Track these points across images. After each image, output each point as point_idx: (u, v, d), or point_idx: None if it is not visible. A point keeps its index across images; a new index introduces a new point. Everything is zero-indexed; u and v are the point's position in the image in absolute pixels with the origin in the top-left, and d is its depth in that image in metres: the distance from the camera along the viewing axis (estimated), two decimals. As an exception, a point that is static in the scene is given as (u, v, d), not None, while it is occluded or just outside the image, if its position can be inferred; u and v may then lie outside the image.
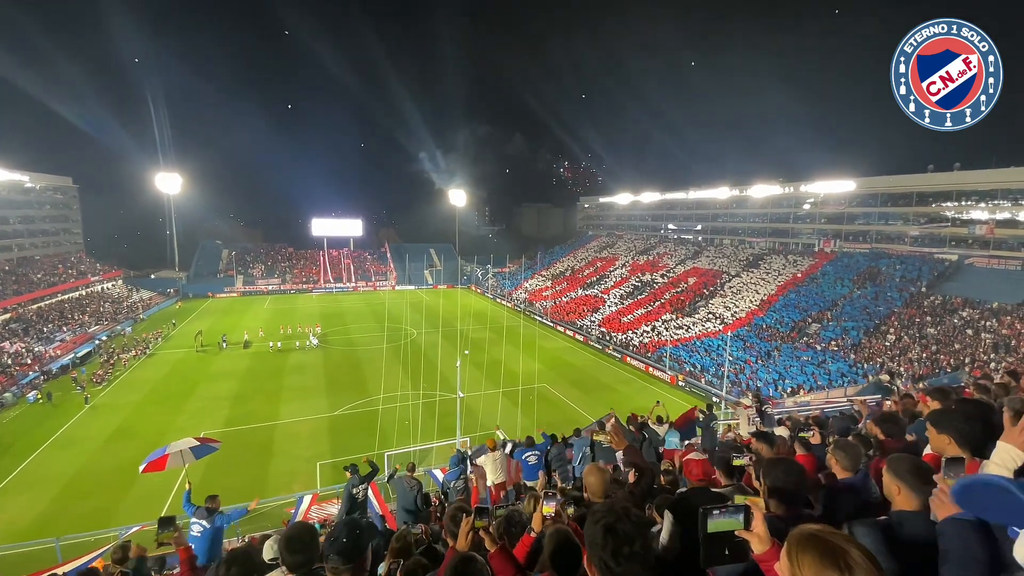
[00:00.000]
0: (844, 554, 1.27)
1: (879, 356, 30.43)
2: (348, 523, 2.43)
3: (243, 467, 20.80)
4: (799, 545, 1.34)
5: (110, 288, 59.71)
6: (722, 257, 56.54)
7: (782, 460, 2.88)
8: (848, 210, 49.43)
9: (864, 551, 1.28)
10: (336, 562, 2.29)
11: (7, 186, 55.16)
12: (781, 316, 39.23)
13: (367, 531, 2.45)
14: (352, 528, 2.38)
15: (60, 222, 66.02)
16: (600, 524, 1.73)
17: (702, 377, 32.39)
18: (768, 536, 1.82)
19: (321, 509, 12.11)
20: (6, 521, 17.38)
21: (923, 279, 37.93)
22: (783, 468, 2.72)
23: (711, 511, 1.85)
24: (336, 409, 27.65)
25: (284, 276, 75.21)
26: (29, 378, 31.87)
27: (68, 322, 44.09)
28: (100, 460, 21.94)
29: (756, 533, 1.83)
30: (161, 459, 8.25)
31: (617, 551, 1.66)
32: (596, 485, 3.45)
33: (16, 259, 53.60)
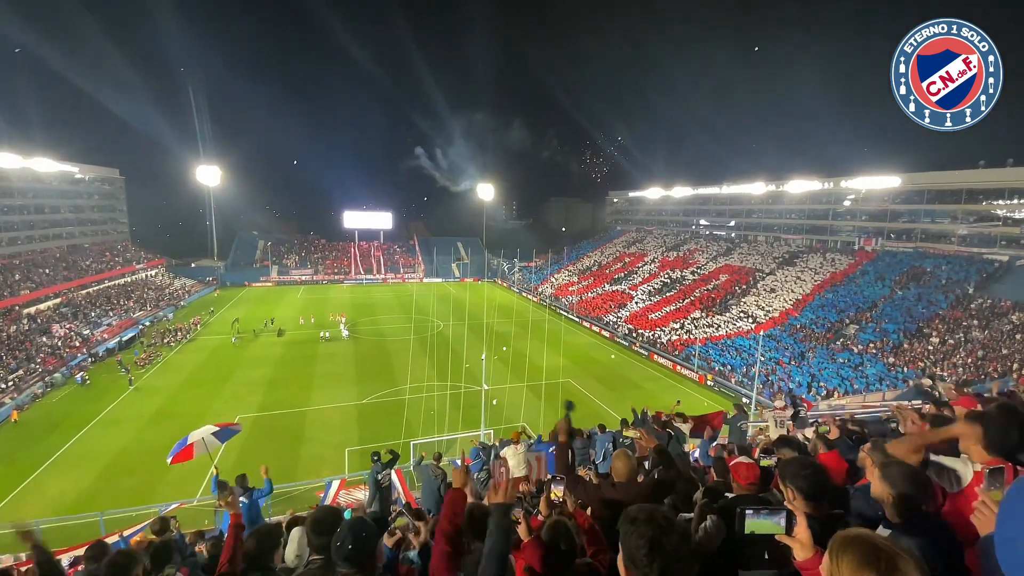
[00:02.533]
0: (889, 558, 1.23)
1: (921, 360, 29.17)
2: (352, 527, 2.42)
3: (275, 451, 21.48)
4: (841, 545, 1.33)
5: (153, 275, 62.33)
6: (756, 254, 55.05)
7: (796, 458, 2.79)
8: (892, 207, 47.39)
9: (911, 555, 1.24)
10: (345, 567, 2.35)
11: (58, 176, 58.07)
12: (817, 316, 38.00)
13: (371, 532, 2.45)
14: (357, 532, 2.39)
15: (107, 211, 69.26)
16: (645, 539, 1.59)
17: (732, 377, 31.72)
18: (811, 542, 1.75)
19: (348, 494, 12.42)
20: (56, 495, 18.43)
21: (970, 280, 36.07)
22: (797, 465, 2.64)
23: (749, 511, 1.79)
24: (364, 397, 28.23)
25: (317, 267, 77.04)
26: (77, 360, 33.60)
27: (114, 307, 46.26)
28: (142, 440, 23.02)
29: (798, 539, 1.76)
30: (187, 449, 8.46)
31: (666, 570, 1.55)
32: (623, 469, 3.49)
33: (66, 247, 56.49)
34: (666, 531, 1.61)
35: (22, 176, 51.66)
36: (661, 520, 1.64)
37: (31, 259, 48.74)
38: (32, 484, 19.40)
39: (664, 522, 1.64)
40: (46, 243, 54.10)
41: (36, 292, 42.30)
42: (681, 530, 1.66)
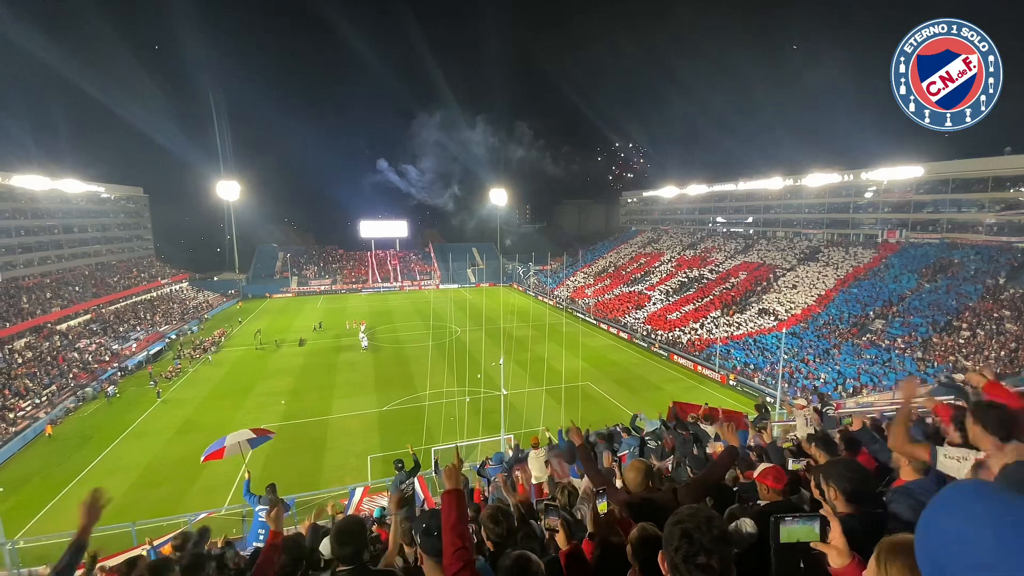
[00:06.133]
0: None
1: (952, 354, 28.31)
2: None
3: (299, 460, 21.77)
4: (889, 552, 1.32)
5: (178, 290, 63.81)
6: (775, 250, 54.17)
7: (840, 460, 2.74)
8: (915, 198, 46.22)
9: None
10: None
11: (85, 197, 59.92)
12: (841, 312, 37.18)
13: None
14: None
15: (133, 229, 71.16)
16: (679, 527, 1.65)
17: (755, 376, 31.17)
18: (847, 549, 1.70)
19: (372, 501, 12.48)
20: (90, 505, 18.85)
21: (1001, 270, 34.96)
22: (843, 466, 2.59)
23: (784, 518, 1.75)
24: (385, 405, 28.43)
25: (335, 277, 78.04)
26: (107, 374, 34.51)
27: (141, 322, 47.46)
28: (170, 451, 23.52)
29: (834, 545, 1.72)
30: (220, 450, 8.74)
31: (689, 557, 1.59)
32: (635, 480, 3.48)
33: (94, 264, 58.21)
34: (701, 526, 1.62)
35: (50, 197, 53.41)
36: (702, 518, 1.66)
37: (61, 277, 50.32)
38: (67, 496, 19.93)
39: (704, 519, 1.65)
40: (75, 261, 55.83)
41: (66, 309, 43.62)
42: (719, 532, 1.65)
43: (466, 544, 2.38)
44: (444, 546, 2.34)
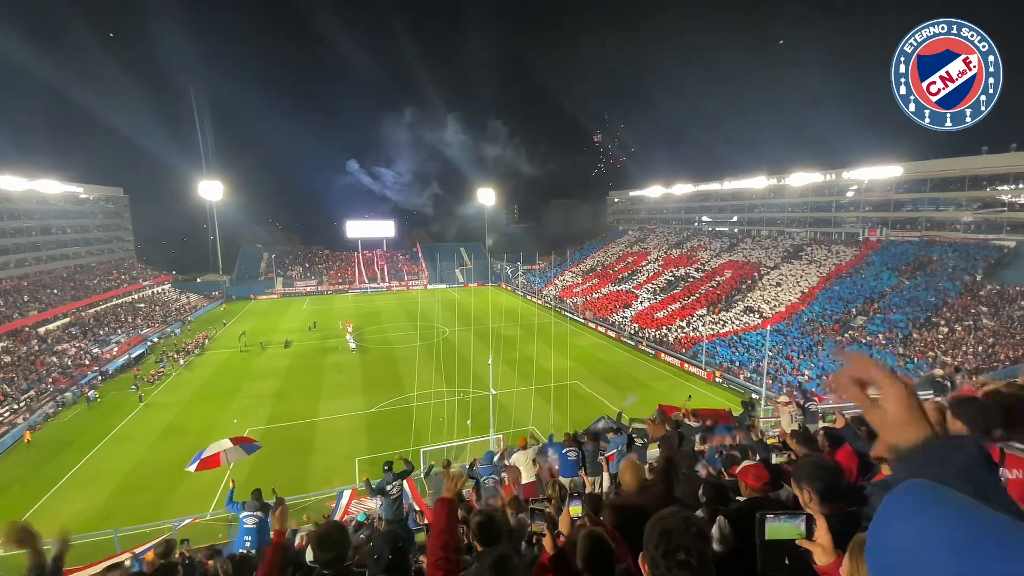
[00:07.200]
0: None
1: (931, 350, 28.95)
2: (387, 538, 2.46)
3: (286, 463, 21.53)
4: (862, 548, 1.31)
5: (160, 292, 62.71)
6: (760, 249, 54.88)
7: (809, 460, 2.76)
8: (895, 196, 47.12)
9: None
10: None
11: (63, 197, 58.61)
12: (824, 309, 37.79)
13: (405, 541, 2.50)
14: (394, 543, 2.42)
15: (113, 230, 69.77)
16: (659, 525, 1.68)
17: (741, 373, 31.56)
18: (833, 547, 1.72)
19: (360, 504, 12.42)
20: (73, 513, 18.52)
21: (978, 267, 35.83)
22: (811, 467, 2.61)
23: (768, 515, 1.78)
24: (373, 406, 28.25)
25: (321, 277, 77.30)
26: (88, 378, 33.82)
27: (122, 325, 46.56)
28: (153, 456, 23.11)
29: (819, 543, 1.74)
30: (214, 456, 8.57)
31: (669, 554, 1.62)
32: (630, 480, 3.54)
33: (73, 266, 56.95)
34: (681, 525, 1.65)
35: (27, 198, 52.20)
36: (682, 518, 1.69)
37: (39, 280, 49.15)
38: (47, 503, 19.51)
39: (683, 519, 1.68)
40: (53, 264, 54.55)
41: (45, 312, 42.63)
42: (698, 531, 1.68)
43: (448, 555, 2.39)
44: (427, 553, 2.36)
